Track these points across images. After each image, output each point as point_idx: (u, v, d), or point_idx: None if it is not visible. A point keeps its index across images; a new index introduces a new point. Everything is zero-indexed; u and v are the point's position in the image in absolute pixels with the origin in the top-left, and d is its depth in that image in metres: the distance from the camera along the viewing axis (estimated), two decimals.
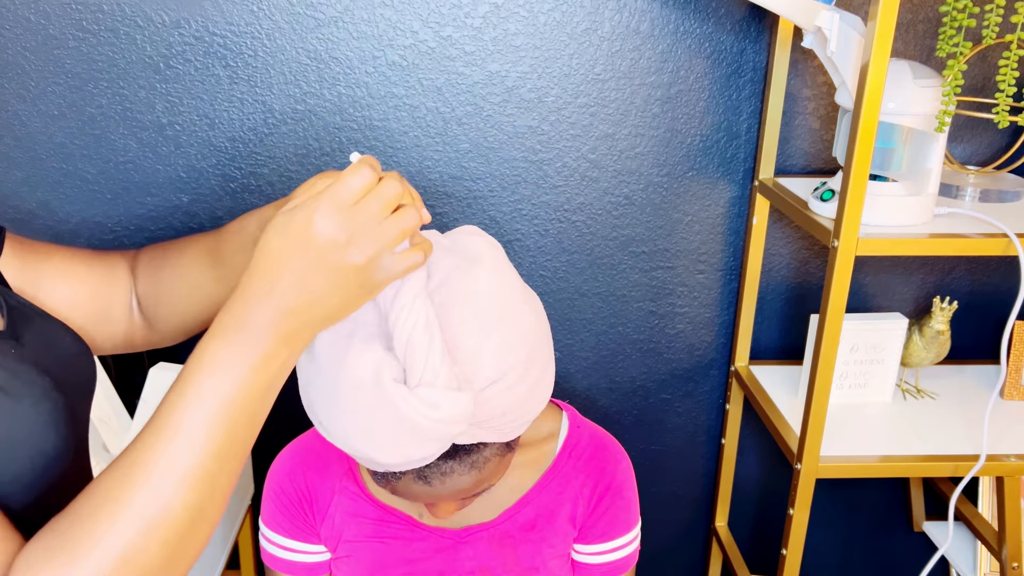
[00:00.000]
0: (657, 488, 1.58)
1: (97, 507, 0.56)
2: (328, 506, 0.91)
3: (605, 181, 1.36)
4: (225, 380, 0.58)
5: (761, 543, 1.66)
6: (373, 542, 0.90)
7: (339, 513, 0.91)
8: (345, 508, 0.91)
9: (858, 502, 1.63)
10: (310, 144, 1.30)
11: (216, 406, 0.58)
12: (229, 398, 0.58)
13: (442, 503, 0.78)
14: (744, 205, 1.39)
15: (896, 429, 1.26)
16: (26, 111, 1.26)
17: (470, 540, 0.90)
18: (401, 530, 0.90)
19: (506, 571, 0.91)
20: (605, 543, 0.94)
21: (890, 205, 1.11)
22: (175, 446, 0.57)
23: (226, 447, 0.59)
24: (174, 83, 1.26)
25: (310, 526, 0.92)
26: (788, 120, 1.35)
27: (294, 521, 0.92)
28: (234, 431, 0.59)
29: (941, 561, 1.59)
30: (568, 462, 0.93)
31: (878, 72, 0.96)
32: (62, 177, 1.30)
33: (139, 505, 0.55)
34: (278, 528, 0.92)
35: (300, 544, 0.92)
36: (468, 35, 1.27)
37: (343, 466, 0.92)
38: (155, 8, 1.22)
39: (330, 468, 0.92)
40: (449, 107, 1.30)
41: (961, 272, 1.47)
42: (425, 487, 0.72)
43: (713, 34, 1.29)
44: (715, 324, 1.47)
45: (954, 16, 1.08)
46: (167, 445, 0.57)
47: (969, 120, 1.37)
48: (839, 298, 1.06)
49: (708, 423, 1.55)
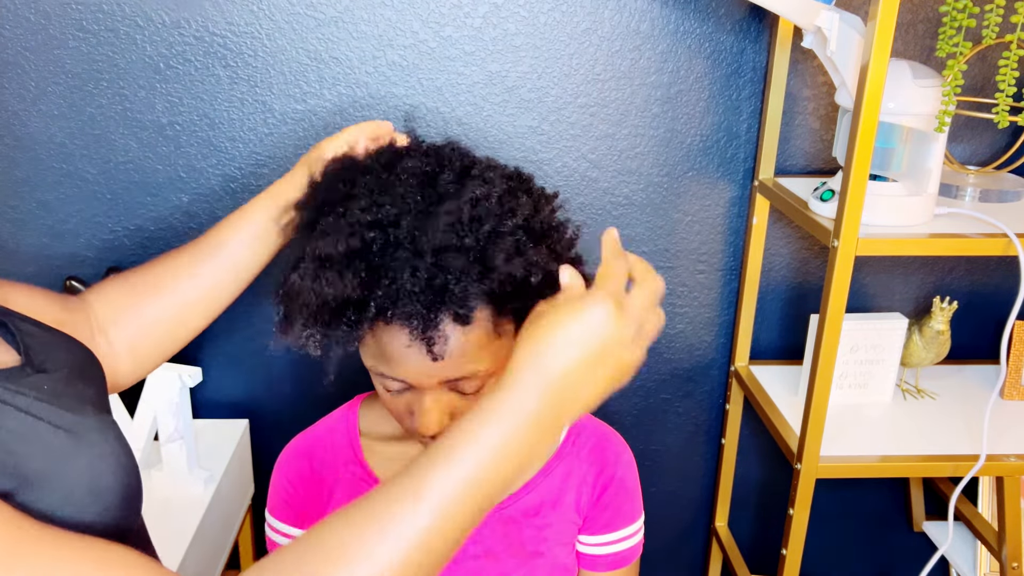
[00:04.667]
0: (657, 488, 1.58)
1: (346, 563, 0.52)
2: (334, 493, 0.92)
3: (605, 181, 1.36)
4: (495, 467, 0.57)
5: (761, 543, 1.66)
6: None
7: (344, 498, 0.92)
8: (350, 493, 0.92)
9: (858, 502, 1.63)
10: (310, 144, 1.30)
11: (470, 472, 0.56)
12: (485, 465, 0.56)
13: (427, 393, 0.77)
14: (744, 205, 1.39)
15: (896, 429, 1.26)
16: (26, 111, 1.26)
17: None
18: None
19: (510, 556, 0.91)
20: (610, 534, 0.95)
21: (890, 205, 1.11)
22: (423, 507, 0.54)
23: (469, 520, 0.56)
24: (174, 83, 1.26)
25: (316, 513, 0.93)
26: (788, 120, 1.35)
27: (299, 508, 0.93)
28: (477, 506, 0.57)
29: (941, 561, 1.59)
30: (572, 451, 0.94)
31: (878, 72, 0.96)
32: (62, 177, 1.30)
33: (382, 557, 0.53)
34: (283, 516, 0.94)
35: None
36: (468, 35, 1.27)
37: (348, 454, 0.92)
38: (155, 8, 1.22)
39: (336, 457, 0.93)
40: (449, 107, 1.30)
41: (961, 272, 1.47)
42: (410, 349, 0.73)
43: (713, 34, 1.29)
44: (715, 324, 1.47)
45: (954, 16, 1.08)
46: (414, 505, 0.54)
47: (969, 120, 1.37)
48: (839, 298, 1.06)
49: (708, 423, 1.55)
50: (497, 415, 0.57)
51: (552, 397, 0.58)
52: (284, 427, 1.50)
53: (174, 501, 1.21)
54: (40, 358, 0.64)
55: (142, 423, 1.22)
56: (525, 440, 0.57)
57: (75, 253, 1.34)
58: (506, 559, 0.91)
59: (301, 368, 1.42)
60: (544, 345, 0.59)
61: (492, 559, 0.91)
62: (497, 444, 0.56)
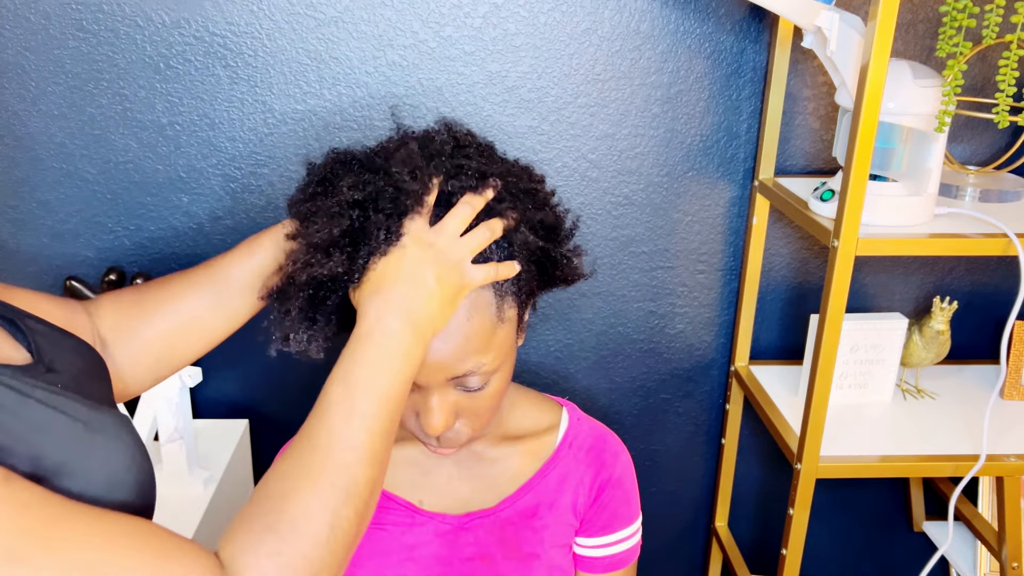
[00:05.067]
0: (657, 488, 1.58)
1: (292, 487, 0.61)
2: None
3: (605, 181, 1.36)
4: (385, 367, 0.68)
5: (761, 543, 1.66)
6: (373, 528, 0.91)
7: None
8: None
9: (858, 502, 1.63)
10: (310, 144, 1.30)
11: (383, 392, 0.67)
12: (389, 384, 0.67)
13: (433, 392, 0.78)
14: (744, 205, 1.39)
15: (896, 429, 1.26)
16: (26, 111, 1.26)
17: (470, 527, 0.91)
18: (402, 517, 0.91)
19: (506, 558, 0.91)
20: (607, 535, 0.94)
21: (890, 205, 1.11)
22: (352, 425, 0.64)
23: (389, 427, 0.67)
24: (174, 83, 1.26)
25: None
26: (788, 120, 1.35)
27: None
28: (394, 412, 0.68)
29: (941, 561, 1.59)
30: (569, 452, 0.93)
31: (878, 72, 0.96)
32: (62, 177, 1.30)
33: (333, 478, 0.62)
34: None
35: None
36: (468, 35, 1.27)
37: None
38: (155, 8, 1.22)
39: None
40: (449, 107, 1.30)
41: (961, 272, 1.47)
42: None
43: (713, 34, 1.29)
44: (715, 324, 1.47)
45: (954, 16, 1.08)
46: (344, 425, 0.64)
47: (969, 120, 1.37)
48: (839, 298, 1.06)
49: (708, 423, 1.55)
50: (357, 339, 0.69)
51: (387, 304, 0.70)
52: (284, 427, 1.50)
53: (174, 501, 1.21)
54: (50, 357, 0.64)
55: (142, 423, 1.22)
56: (409, 361, 0.70)
57: (75, 253, 1.34)
58: (502, 561, 0.91)
59: (301, 368, 1.42)
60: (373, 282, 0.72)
61: (488, 561, 0.91)
62: (391, 380, 0.68)
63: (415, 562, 0.91)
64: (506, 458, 0.93)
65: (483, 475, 0.92)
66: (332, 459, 0.63)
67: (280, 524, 0.59)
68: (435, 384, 0.76)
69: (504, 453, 0.93)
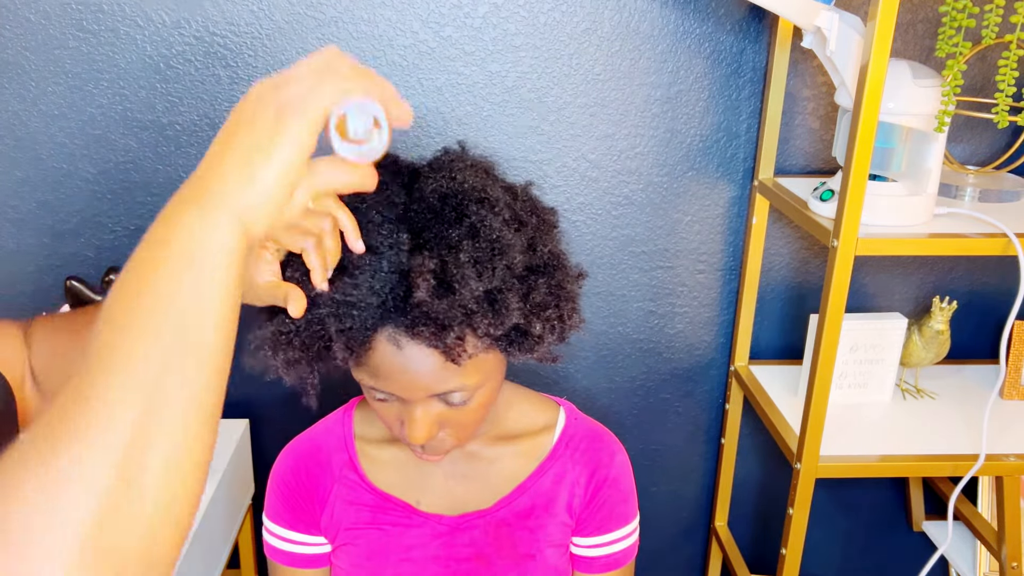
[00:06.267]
0: (657, 487, 1.58)
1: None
2: (328, 496, 0.92)
3: (605, 181, 1.36)
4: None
5: (761, 543, 1.66)
6: (371, 529, 0.91)
7: (339, 502, 0.92)
8: (344, 496, 0.92)
9: (858, 502, 1.63)
10: None
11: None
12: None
13: (417, 404, 0.75)
14: (744, 205, 1.39)
15: (896, 429, 1.26)
16: (26, 111, 1.26)
17: (467, 527, 0.91)
18: (399, 517, 0.91)
19: (502, 558, 0.91)
20: (604, 535, 0.94)
21: (890, 205, 1.11)
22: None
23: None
24: (174, 83, 1.26)
25: (311, 517, 0.93)
26: (788, 120, 1.35)
27: (295, 512, 0.93)
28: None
29: (940, 561, 1.59)
30: (565, 452, 0.93)
31: (878, 72, 0.96)
32: (62, 177, 1.30)
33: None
34: (280, 520, 0.94)
35: (301, 536, 0.93)
36: (468, 35, 1.27)
37: (343, 457, 0.93)
38: (155, 8, 1.22)
39: (331, 460, 0.93)
40: (449, 107, 1.30)
41: (961, 272, 1.47)
42: (397, 355, 0.71)
43: (713, 34, 1.29)
44: (715, 324, 1.47)
45: (954, 16, 1.08)
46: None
47: (969, 120, 1.37)
48: (839, 298, 1.06)
49: (708, 423, 1.55)
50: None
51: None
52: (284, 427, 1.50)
53: None
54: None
55: None
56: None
57: (75, 253, 1.34)
58: (498, 562, 0.91)
59: None
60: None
61: (484, 562, 0.91)
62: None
63: (412, 563, 0.91)
64: (502, 458, 0.92)
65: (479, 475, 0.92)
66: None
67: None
68: (417, 399, 0.76)
69: (500, 453, 0.93)
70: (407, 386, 0.74)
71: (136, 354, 0.46)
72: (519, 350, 0.75)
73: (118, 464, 0.43)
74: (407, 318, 0.69)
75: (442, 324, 0.68)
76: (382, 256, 0.68)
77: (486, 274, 0.69)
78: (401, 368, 0.73)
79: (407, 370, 0.73)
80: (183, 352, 0.46)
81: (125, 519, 0.43)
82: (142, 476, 0.44)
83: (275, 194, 0.51)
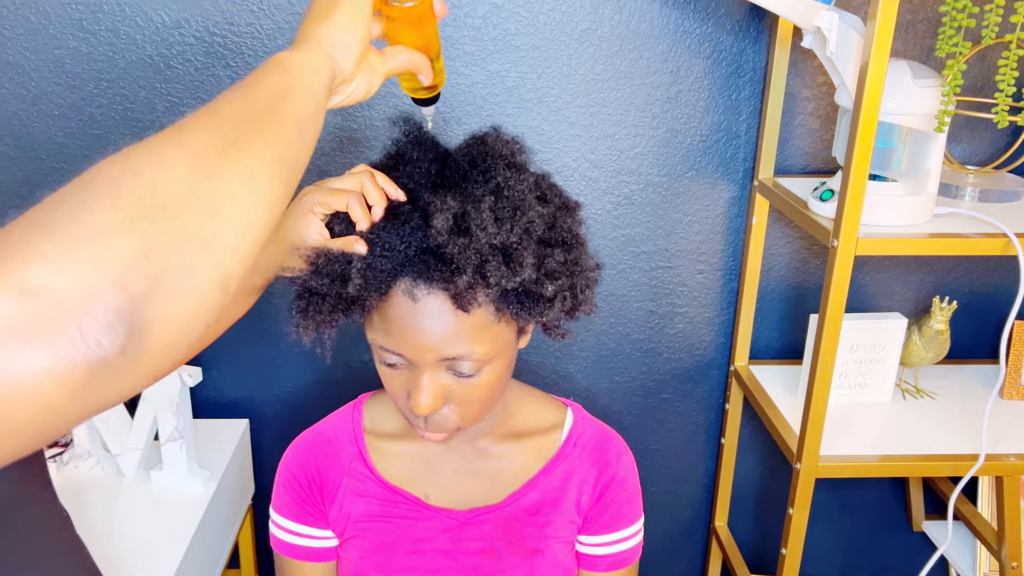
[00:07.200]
0: (657, 487, 1.58)
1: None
2: (337, 489, 0.93)
3: (605, 181, 1.36)
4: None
5: (761, 543, 1.66)
6: (380, 523, 0.92)
7: (348, 495, 0.92)
8: (354, 489, 0.92)
9: (858, 502, 1.63)
10: None
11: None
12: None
13: (424, 371, 0.77)
14: (744, 205, 1.39)
15: (896, 429, 1.26)
16: (26, 111, 1.26)
17: (475, 522, 0.92)
18: (408, 511, 0.92)
19: (511, 553, 0.92)
20: (610, 534, 0.95)
21: (890, 205, 1.11)
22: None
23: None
24: (174, 83, 1.26)
25: (319, 510, 0.93)
26: (788, 120, 1.35)
27: (303, 505, 0.93)
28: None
29: (940, 561, 1.59)
30: (573, 451, 0.94)
31: (878, 72, 0.96)
32: (62, 177, 1.30)
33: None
34: (287, 513, 0.94)
35: (308, 529, 0.94)
36: (468, 35, 1.27)
37: (353, 450, 0.93)
38: (155, 8, 1.22)
39: (340, 453, 0.93)
40: (449, 107, 1.30)
41: (961, 272, 1.47)
42: (411, 311, 0.73)
43: (713, 34, 1.29)
44: (715, 324, 1.47)
45: (954, 16, 1.08)
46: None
47: (969, 120, 1.37)
48: (839, 298, 1.06)
49: (708, 423, 1.55)
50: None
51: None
52: (284, 427, 1.50)
53: (174, 501, 1.21)
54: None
55: (142, 423, 1.22)
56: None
57: None
58: (506, 556, 0.92)
59: (301, 368, 1.42)
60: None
61: (492, 556, 0.92)
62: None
63: (421, 555, 0.92)
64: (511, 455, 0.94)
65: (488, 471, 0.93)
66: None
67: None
68: (426, 363, 0.77)
69: (509, 450, 0.94)
70: (419, 345, 0.75)
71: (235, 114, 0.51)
72: (528, 313, 0.76)
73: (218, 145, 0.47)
74: (423, 263, 0.72)
75: (456, 266, 0.71)
76: (411, 210, 0.74)
77: (504, 227, 0.72)
78: (413, 325, 0.74)
79: (419, 327, 0.74)
80: (271, 134, 0.52)
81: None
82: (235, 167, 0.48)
83: (350, 31, 0.65)
